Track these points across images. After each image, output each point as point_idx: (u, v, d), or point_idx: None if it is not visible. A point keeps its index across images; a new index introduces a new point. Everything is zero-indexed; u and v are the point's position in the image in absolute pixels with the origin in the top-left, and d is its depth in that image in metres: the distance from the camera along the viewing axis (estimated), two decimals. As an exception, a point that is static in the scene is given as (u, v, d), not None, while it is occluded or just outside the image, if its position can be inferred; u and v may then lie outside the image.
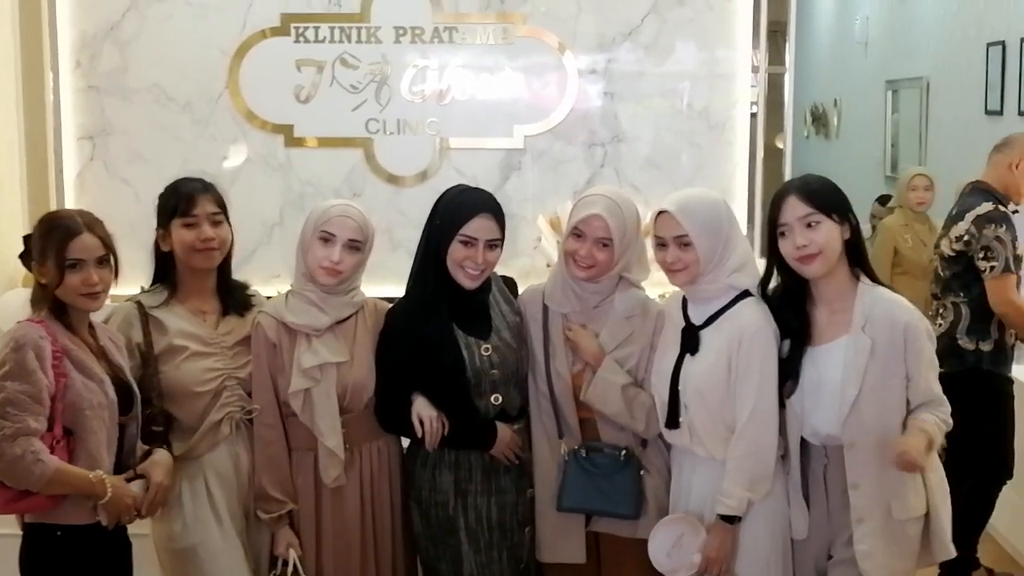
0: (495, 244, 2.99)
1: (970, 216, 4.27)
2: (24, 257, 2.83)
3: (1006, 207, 4.30)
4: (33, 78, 4.46)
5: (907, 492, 2.79)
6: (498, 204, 3.05)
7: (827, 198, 2.81)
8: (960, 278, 4.33)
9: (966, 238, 4.26)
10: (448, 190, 3.09)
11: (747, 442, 2.83)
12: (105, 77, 4.48)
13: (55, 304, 2.72)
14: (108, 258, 2.77)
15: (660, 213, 2.91)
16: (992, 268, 4.18)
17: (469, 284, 2.98)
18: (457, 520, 3.02)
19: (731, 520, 2.85)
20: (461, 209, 2.98)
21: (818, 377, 2.83)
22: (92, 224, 2.77)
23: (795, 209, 2.80)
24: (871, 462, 2.78)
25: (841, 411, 2.78)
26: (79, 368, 2.69)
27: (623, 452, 3.02)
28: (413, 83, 4.50)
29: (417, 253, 3.07)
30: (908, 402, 2.80)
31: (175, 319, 3.02)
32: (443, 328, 2.99)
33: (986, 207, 4.26)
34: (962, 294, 4.31)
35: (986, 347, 4.26)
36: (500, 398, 3.02)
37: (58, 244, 2.69)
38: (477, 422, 3.00)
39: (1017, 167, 4.33)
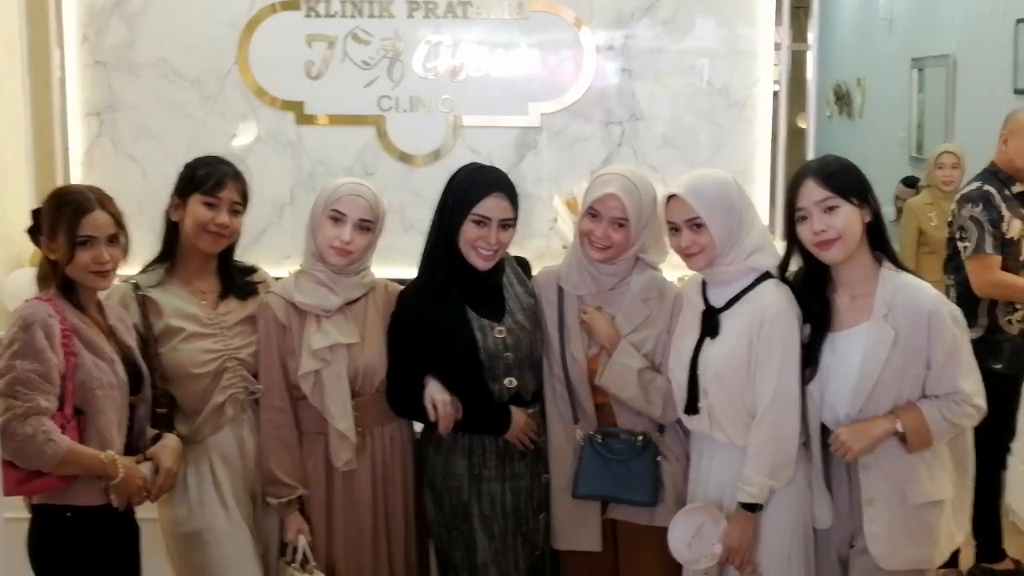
0: (508, 224, 2.94)
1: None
2: (33, 231, 2.78)
3: (1010, 187, 4.22)
4: (39, 54, 4.41)
5: (920, 476, 2.74)
6: (511, 183, 3.00)
7: (846, 181, 2.74)
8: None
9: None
10: (461, 168, 3.04)
11: (768, 427, 2.77)
12: (112, 52, 4.42)
13: (63, 282, 2.69)
14: (119, 236, 2.74)
15: (670, 197, 2.85)
16: (965, 248, 4.15)
17: (482, 265, 2.94)
18: (471, 506, 2.98)
19: (752, 508, 2.80)
20: (473, 188, 2.93)
21: (837, 363, 2.78)
22: (104, 201, 2.74)
23: (812, 193, 2.73)
24: (883, 445, 2.73)
25: (857, 399, 2.74)
26: (89, 347, 2.66)
27: (640, 438, 2.98)
28: (426, 59, 4.44)
29: (429, 234, 3.02)
30: (924, 392, 2.74)
31: (172, 299, 2.97)
32: (456, 311, 2.94)
33: (970, 187, 4.26)
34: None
35: (972, 334, 4.15)
36: (514, 381, 2.97)
37: (69, 220, 2.66)
38: (491, 406, 2.96)
39: (1007, 142, 4.28)
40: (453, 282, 2.94)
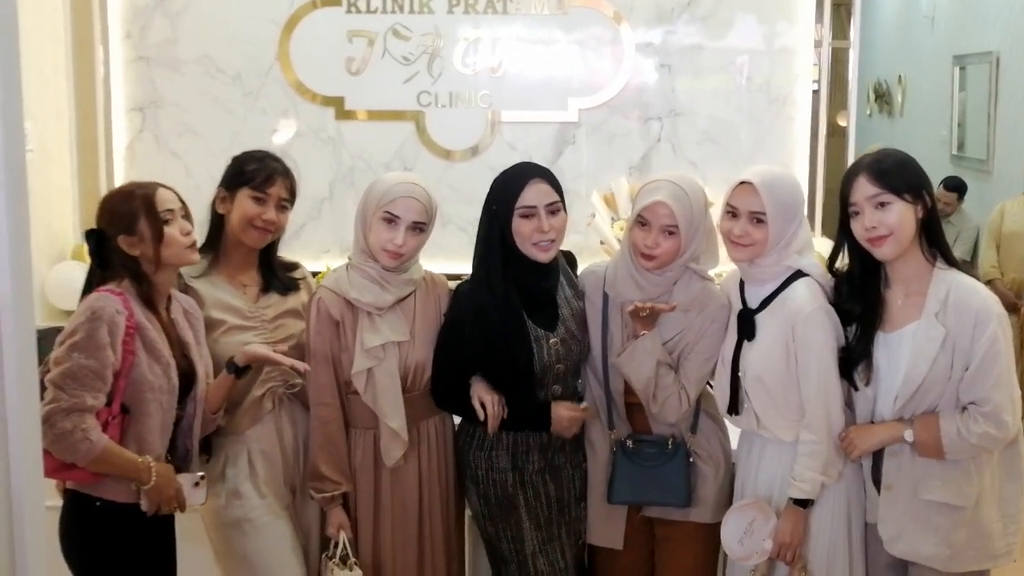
0: (556, 208, 2.90)
1: None
2: (96, 249, 2.72)
3: None
4: (83, 50, 4.45)
5: (934, 474, 2.69)
6: (547, 169, 2.97)
7: (899, 178, 2.70)
8: None
9: None
10: (495, 178, 3.00)
11: (818, 425, 2.76)
12: (155, 48, 4.46)
13: (136, 277, 2.68)
14: (187, 210, 2.77)
15: (741, 183, 2.82)
16: None
17: (544, 257, 2.89)
18: (516, 497, 2.97)
19: (804, 504, 2.80)
20: (511, 183, 2.91)
21: (890, 364, 2.74)
22: (158, 183, 2.76)
23: (864, 189, 2.70)
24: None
25: (900, 399, 2.71)
26: (148, 349, 2.65)
27: (671, 441, 2.97)
28: (466, 55, 4.44)
29: (478, 241, 2.97)
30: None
31: (214, 290, 2.98)
32: (516, 322, 2.91)
33: None
34: None
35: None
36: (560, 389, 2.97)
37: (145, 204, 2.67)
38: (535, 407, 2.94)
39: None
40: (512, 288, 2.90)
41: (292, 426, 3.03)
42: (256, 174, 2.97)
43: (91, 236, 2.74)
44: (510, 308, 2.90)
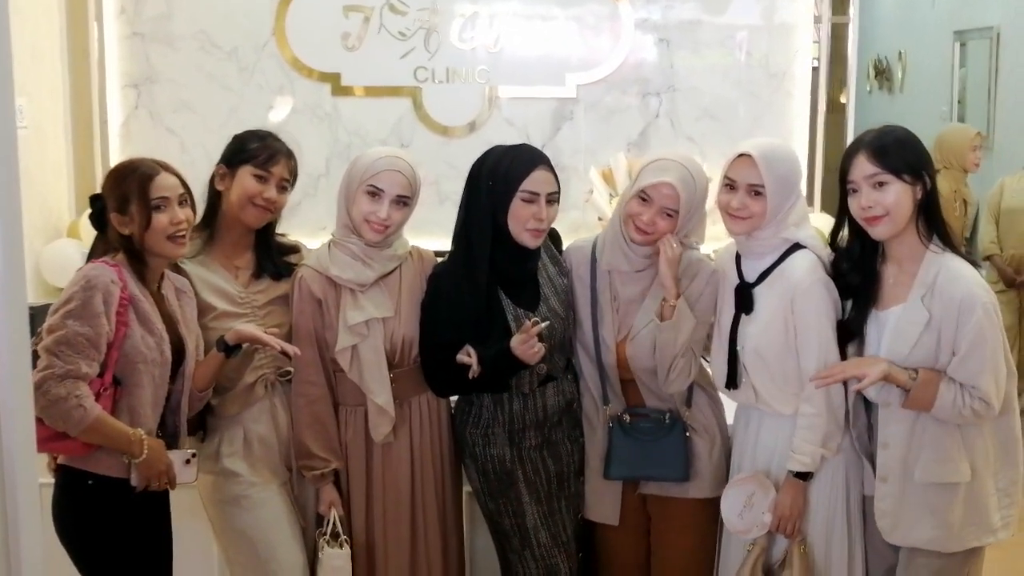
0: (554, 199, 2.89)
1: None
2: (96, 217, 2.74)
3: None
4: (77, 26, 4.43)
5: (932, 457, 2.69)
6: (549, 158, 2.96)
7: (898, 157, 2.67)
8: None
9: None
10: (487, 154, 2.95)
11: (819, 400, 2.76)
12: (150, 24, 4.44)
13: (130, 253, 2.67)
14: (188, 196, 2.74)
15: (740, 155, 2.80)
16: None
17: (533, 243, 2.88)
18: (515, 472, 2.96)
19: (804, 477, 2.80)
20: (518, 164, 2.86)
21: (878, 341, 2.73)
22: (165, 164, 2.74)
23: (863, 167, 2.68)
24: (903, 422, 2.70)
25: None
26: (141, 321, 2.65)
27: (667, 415, 2.96)
28: (463, 30, 4.42)
29: (459, 220, 2.94)
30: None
31: (206, 273, 2.96)
32: (493, 302, 2.89)
33: None
34: None
35: None
36: (545, 367, 2.94)
37: (140, 187, 2.65)
38: (494, 353, 2.85)
39: None
40: (489, 268, 2.88)
41: (285, 409, 3.00)
42: (259, 152, 2.95)
43: (95, 201, 2.74)
44: (487, 287, 2.87)
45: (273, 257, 3.05)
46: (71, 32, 4.42)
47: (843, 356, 2.78)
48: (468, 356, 2.86)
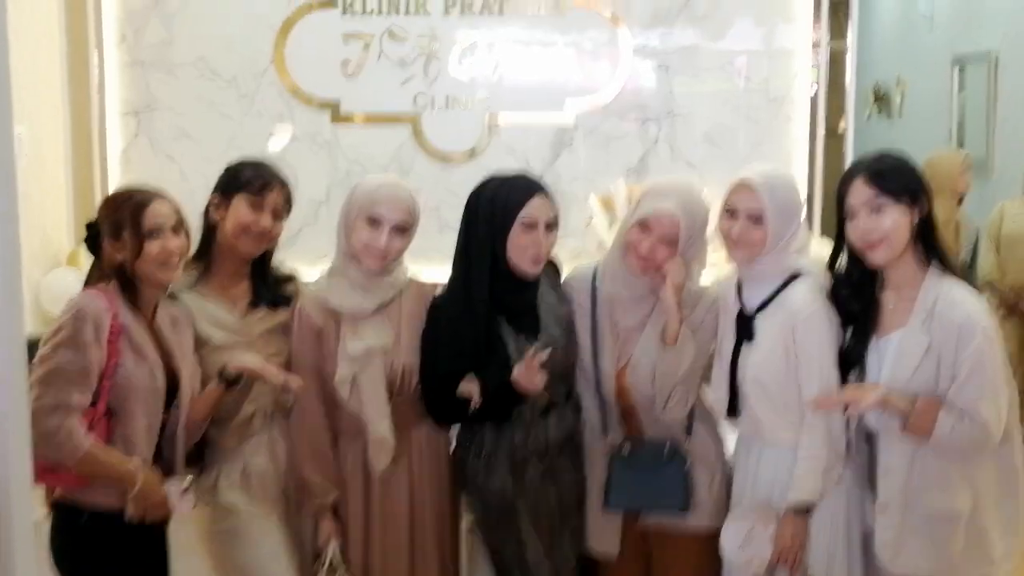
0: (553, 226, 2.89)
1: None
2: (91, 241, 2.74)
3: None
4: (78, 53, 4.43)
5: (933, 486, 2.67)
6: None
7: (896, 182, 2.67)
8: None
9: None
10: (484, 183, 2.94)
11: (820, 430, 2.74)
12: (150, 51, 4.44)
13: (123, 281, 2.66)
14: (182, 225, 2.74)
15: (740, 183, 2.79)
16: None
17: (533, 270, 2.87)
18: (517, 504, 2.93)
19: (805, 508, 2.77)
20: (516, 192, 2.86)
21: (879, 368, 2.72)
22: (160, 192, 2.74)
23: (860, 193, 2.67)
24: (904, 451, 2.68)
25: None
26: (134, 350, 2.64)
27: (667, 445, 2.94)
28: (462, 57, 4.43)
29: (458, 250, 2.93)
30: None
31: (203, 303, 2.94)
32: (493, 332, 2.87)
33: None
34: None
35: None
36: (547, 395, 2.91)
37: (133, 214, 2.65)
38: (496, 384, 2.84)
39: None
40: (488, 298, 2.86)
41: (283, 439, 2.99)
42: (253, 180, 2.94)
43: (90, 228, 2.75)
44: (488, 317, 2.86)
45: (270, 286, 3.04)
46: (71, 60, 4.42)
47: (844, 384, 2.76)
48: (469, 388, 2.84)
